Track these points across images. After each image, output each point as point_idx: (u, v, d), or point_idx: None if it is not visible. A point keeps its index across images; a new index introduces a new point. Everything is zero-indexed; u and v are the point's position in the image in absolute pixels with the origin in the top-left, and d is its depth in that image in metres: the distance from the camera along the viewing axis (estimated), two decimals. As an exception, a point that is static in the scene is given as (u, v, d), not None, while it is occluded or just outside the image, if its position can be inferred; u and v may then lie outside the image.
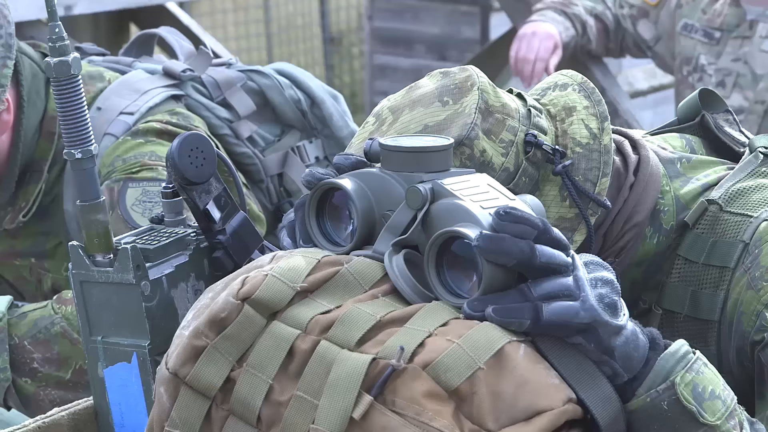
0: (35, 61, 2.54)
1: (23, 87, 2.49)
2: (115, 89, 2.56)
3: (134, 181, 2.42)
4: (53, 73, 1.59)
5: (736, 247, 1.69)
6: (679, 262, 1.73)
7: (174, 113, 2.54)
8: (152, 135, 2.48)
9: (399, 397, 1.37)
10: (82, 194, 1.63)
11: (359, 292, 1.47)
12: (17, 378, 2.33)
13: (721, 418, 1.46)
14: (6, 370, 2.33)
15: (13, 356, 2.33)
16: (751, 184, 1.75)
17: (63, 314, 2.32)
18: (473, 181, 1.52)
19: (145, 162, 2.44)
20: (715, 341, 1.70)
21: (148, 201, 2.40)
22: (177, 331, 1.50)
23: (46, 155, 2.51)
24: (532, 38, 4.11)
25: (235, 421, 1.45)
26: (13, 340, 2.32)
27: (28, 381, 2.32)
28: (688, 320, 1.72)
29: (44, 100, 2.52)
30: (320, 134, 2.76)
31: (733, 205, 1.73)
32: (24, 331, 2.32)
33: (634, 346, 1.45)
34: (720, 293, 1.69)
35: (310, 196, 1.57)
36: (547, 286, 1.42)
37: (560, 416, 1.39)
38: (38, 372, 2.32)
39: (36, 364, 2.32)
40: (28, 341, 2.32)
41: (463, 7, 7.21)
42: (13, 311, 2.36)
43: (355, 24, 9.82)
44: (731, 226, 1.71)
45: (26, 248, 2.59)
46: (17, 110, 2.48)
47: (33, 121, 2.50)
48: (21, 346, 2.32)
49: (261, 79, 2.73)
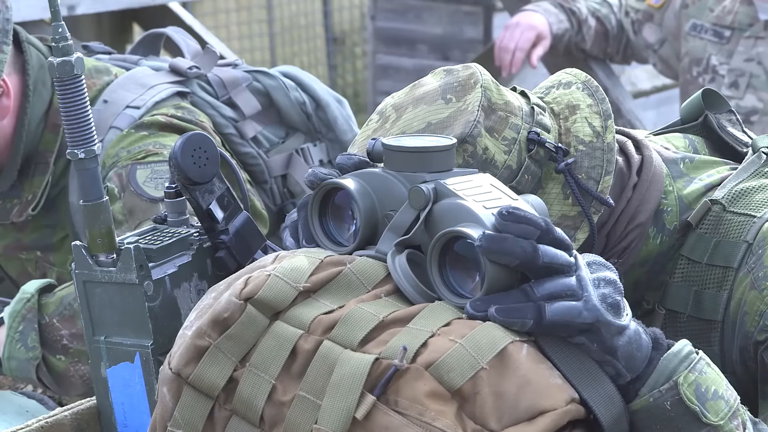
0: (42, 53, 2.55)
1: (29, 76, 2.50)
2: (122, 83, 2.58)
3: (141, 164, 2.44)
4: (56, 73, 1.59)
5: (739, 247, 1.69)
6: (682, 263, 1.73)
7: (179, 108, 2.55)
8: (156, 128, 2.49)
9: (402, 397, 1.37)
10: (85, 194, 1.64)
11: (362, 292, 1.47)
12: (50, 356, 2.37)
13: (724, 419, 1.45)
14: (35, 348, 2.36)
15: (45, 335, 2.37)
16: (755, 184, 1.75)
17: None
18: (476, 181, 1.52)
19: (150, 149, 2.45)
20: (719, 341, 1.70)
21: (158, 177, 2.42)
22: (180, 331, 1.50)
23: (52, 147, 2.52)
24: (514, 29, 4.12)
25: (238, 421, 1.45)
26: (44, 319, 2.36)
27: (61, 358, 2.36)
28: (691, 320, 1.72)
29: (50, 91, 2.53)
30: (324, 138, 2.77)
31: (736, 205, 1.73)
32: (52, 309, 2.37)
33: (637, 346, 1.45)
34: (723, 293, 1.69)
35: (313, 196, 1.57)
36: (550, 286, 1.42)
37: (563, 416, 1.39)
38: (69, 348, 2.35)
39: (65, 340, 2.35)
40: (56, 319, 2.36)
41: (466, 7, 7.21)
42: (47, 294, 2.40)
43: (358, 24, 9.82)
44: (734, 226, 1.71)
45: (32, 241, 2.60)
46: (23, 98, 2.50)
47: (38, 111, 2.51)
48: (51, 324, 2.36)
49: (266, 80, 2.74)
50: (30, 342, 2.36)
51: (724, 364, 1.69)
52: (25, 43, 2.52)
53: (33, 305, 2.38)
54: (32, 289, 2.40)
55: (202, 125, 2.53)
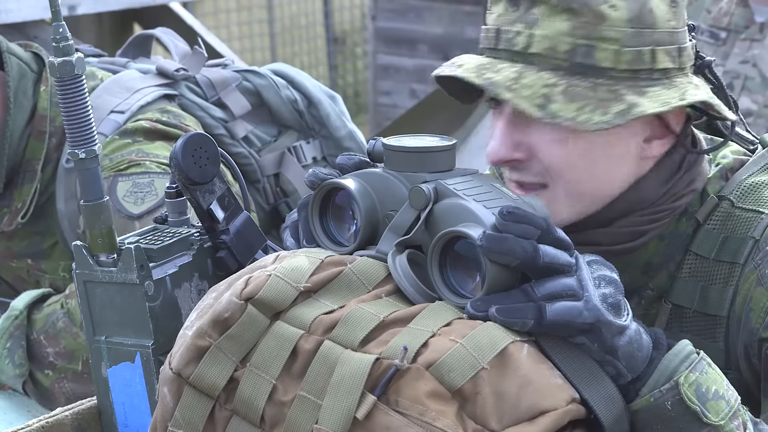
0: (24, 61, 2.54)
1: (10, 88, 2.49)
2: (107, 87, 2.57)
3: (123, 176, 2.42)
4: (57, 73, 1.59)
5: (746, 243, 1.69)
6: (690, 258, 1.72)
7: (165, 111, 2.54)
8: (140, 135, 2.48)
9: (402, 397, 1.37)
10: (85, 194, 1.63)
11: (362, 292, 1.47)
12: (37, 371, 2.37)
13: (724, 419, 1.45)
14: (22, 366, 2.36)
15: (34, 350, 2.37)
16: (764, 179, 1.74)
17: (67, 309, 2.34)
18: (476, 180, 1.52)
19: (132, 159, 2.44)
20: (723, 337, 1.69)
21: (138, 191, 2.40)
22: (180, 331, 1.50)
23: (38, 155, 2.52)
24: None
25: (239, 421, 1.45)
26: (32, 335, 2.36)
27: (48, 373, 2.35)
28: (697, 315, 1.71)
29: (32, 100, 2.52)
30: (317, 135, 2.76)
31: (745, 200, 1.72)
32: (39, 326, 2.37)
33: (638, 345, 1.45)
34: (729, 289, 1.69)
35: (314, 196, 1.57)
36: (551, 286, 1.42)
37: (563, 416, 1.39)
38: (55, 364, 2.34)
39: (51, 358, 2.35)
40: (42, 336, 2.35)
41: (467, 7, 7.22)
42: (39, 307, 2.39)
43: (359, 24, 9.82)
44: (742, 221, 1.70)
45: (22, 249, 2.59)
46: (2, 112, 2.49)
47: (19, 122, 2.50)
48: (38, 341, 2.36)
49: (256, 79, 2.73)
50: (17, 359, 2.37)
51: (729, 361, 1.69)
52: (6, 54, 2.51)
53: (21, 322, 2.37)
54: (21, 305, 2.39)
55: (187, 130, 2.52)
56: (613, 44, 1.61)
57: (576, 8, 1.60)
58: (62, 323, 2.33)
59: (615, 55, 1.61)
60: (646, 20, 1.62)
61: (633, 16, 1.61)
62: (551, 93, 1.59)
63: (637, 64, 1.62)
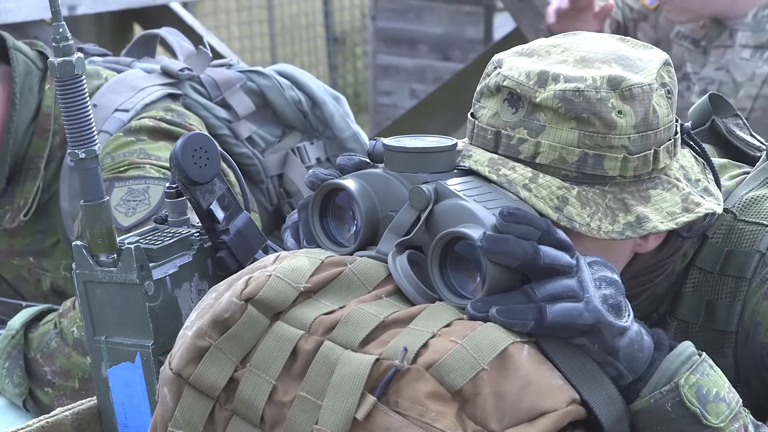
0: (30, 58, 2.54)
1: (16, 84, 2.49)
2: (112, 86, 2.57)
3: (120, 181, 2.42)
4: (57, 73, 1.59)
5: (752, 257, 1.67)
6: (694, 272, 1.71)
7: (169, 110, 2.54)
8: (144, 133, 2.48)
9: (402, 397, 1.37)
10: (85, 194, 1.63)
11: (363, 293, 1.47)
12: (37, 389, 2.37)
13: (725, 421, 1.45)
14: (21, 385, 2.36)
15: (33, 369, 2.37)
16: (764, 192, 1.73)
17: (60, 329, 2.35)
18: (477, 181, 1.52)
19: (133, 160, 2.44)
20: (732, 351, 1.68)
21: (132, 200, 2.40)
22: (180, 332, 1.50)
23: (42, 152, 2.52)
24: None
25: (239, 421, 1.45)
26: (30, 354, 2.36)
27: (48, 390, 2.36)
28: (703, 330, 1.70)
29: (37, 97, 2.53)
30: (322, 135, 2.76)
31: (747, 213, 1.70)
32: (35, 345, 2.37)
33: (639, 347, 1.45)
34: (737, 303, 1.67)
35: (314, 196, 1.57)
36: (551, 287, 1.42)
37: (564, 417, 1.39)
38: (54, 382, 2.35)
39: (49, 376, 2.35)
40: (39, 355, 2.36)
41: (467, 7, 7.22)
42: (35, 326, 2.39)
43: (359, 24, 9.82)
44: (746, 235, 1.69)
45: (24, 247, 2.59)
46: (8, 108, 2.49)
47: (24, 119, 2.50)
48: (35, 360, 2.36)
49: (261, 79, 2.73)
50: (16, 378, 2.37)
51: (738, 375, 1.67)
52: (12, 50, 2.51)
53: (18, 341, 2.38)
54: (18, 324, 2.39)
55: (191, 129, 2.52)
56: (621, 152, 1.55)
57: (585, 117, 1.54)
58: (55, 343, 2.34)
59: (623, 163, 1.55)
60: (651, 122, 1.57)
61: (639, 121, 1.55)
62: (567, 195, 1.54)
63: (641, 169, 1.57)
